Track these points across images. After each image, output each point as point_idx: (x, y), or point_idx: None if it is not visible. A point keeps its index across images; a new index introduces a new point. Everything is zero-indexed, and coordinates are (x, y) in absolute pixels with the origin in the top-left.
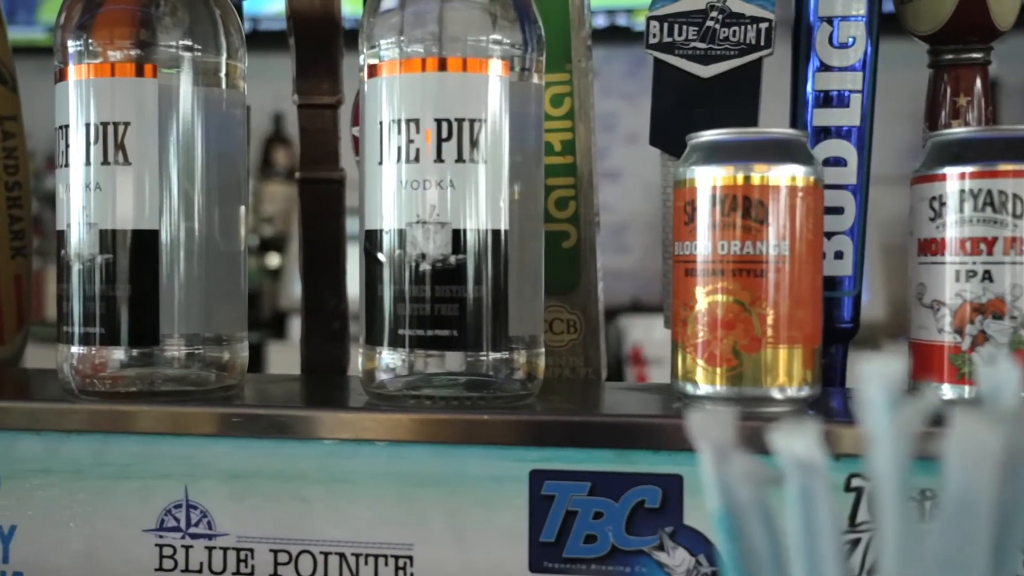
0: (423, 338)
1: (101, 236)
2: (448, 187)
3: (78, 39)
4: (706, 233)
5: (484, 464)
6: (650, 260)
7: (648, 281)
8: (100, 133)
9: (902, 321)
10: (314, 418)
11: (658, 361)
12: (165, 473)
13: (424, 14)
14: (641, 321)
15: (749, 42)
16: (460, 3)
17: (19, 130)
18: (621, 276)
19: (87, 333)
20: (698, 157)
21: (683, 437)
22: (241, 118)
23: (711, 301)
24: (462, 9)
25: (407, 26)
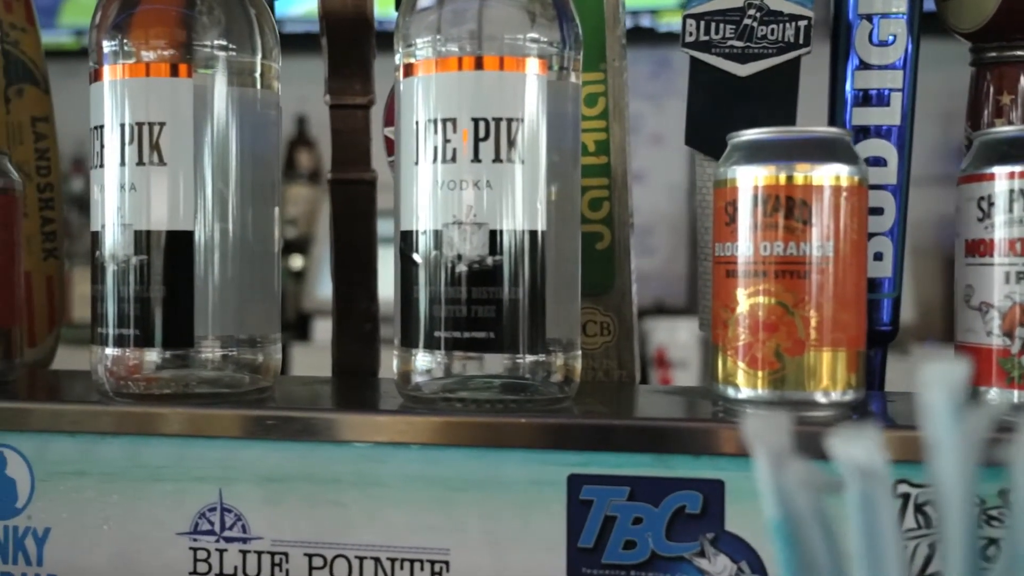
0: (459, 340)
1: (136, 237)
2: (485, 187)
3: (113, 39)
4: (748, 234)
5: (521, 468)
6: (674, 262)
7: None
8: (135, 134)
9: (931, 324)
10: (349, 421)
11: (683, 364)
12: (199, 476)
13: (462, 12)
14: (665, 323)
15: (788, 40)
16: (499, 1)
17: (51, 132)
18: (645, 278)
19: (121, 335)
20: (739, 157)
21: (725, 442)
22: (275, 118)
23: (753, 303)
24: (501, 7)
25: (444, 24)
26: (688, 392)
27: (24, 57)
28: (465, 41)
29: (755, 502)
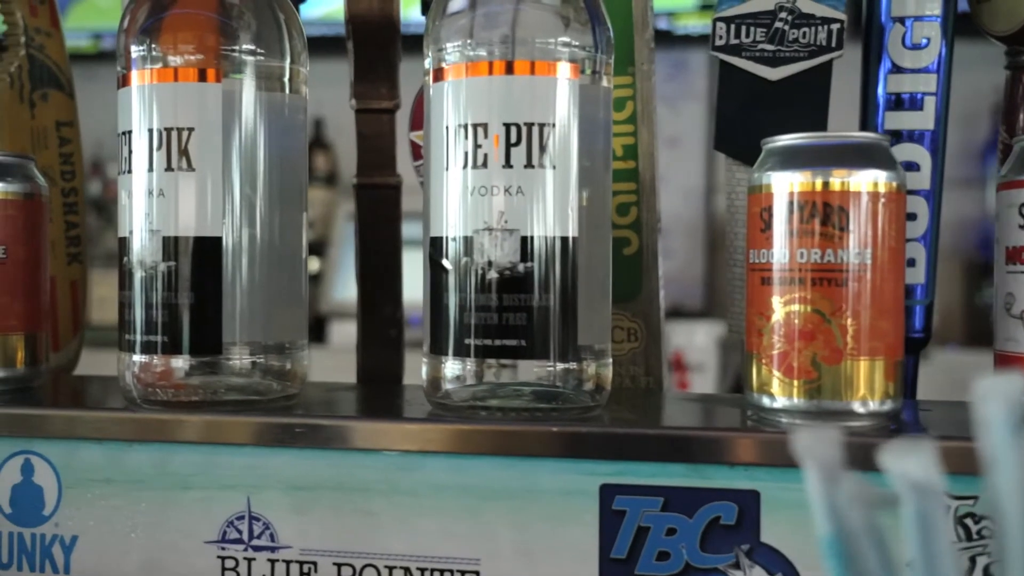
0: (490, 347)
1: (164, 243)
2: (516, 193)
3: (141, 44)
4: (783, 241)
5: (553, 477)
6: (691, 265)
7: (689, 286)
8: (163, 139)
9: (950, 328)
10: (378, 429)
11: (700, 367)
12: (227, 484)
13: (495, 16)
14: (683, 327)
15: (820, 43)
16: (532, 5)
17: (75, 136)
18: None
19: (149, 341)
20: (774, 162)
21: (760, 451)
22: (303, 123)
23: (789, 311)
24: (534, 11)
25: (477, 28)
26: (720, 400)
27: (49, 61)
28: (497, 45)
29: (791, 513)
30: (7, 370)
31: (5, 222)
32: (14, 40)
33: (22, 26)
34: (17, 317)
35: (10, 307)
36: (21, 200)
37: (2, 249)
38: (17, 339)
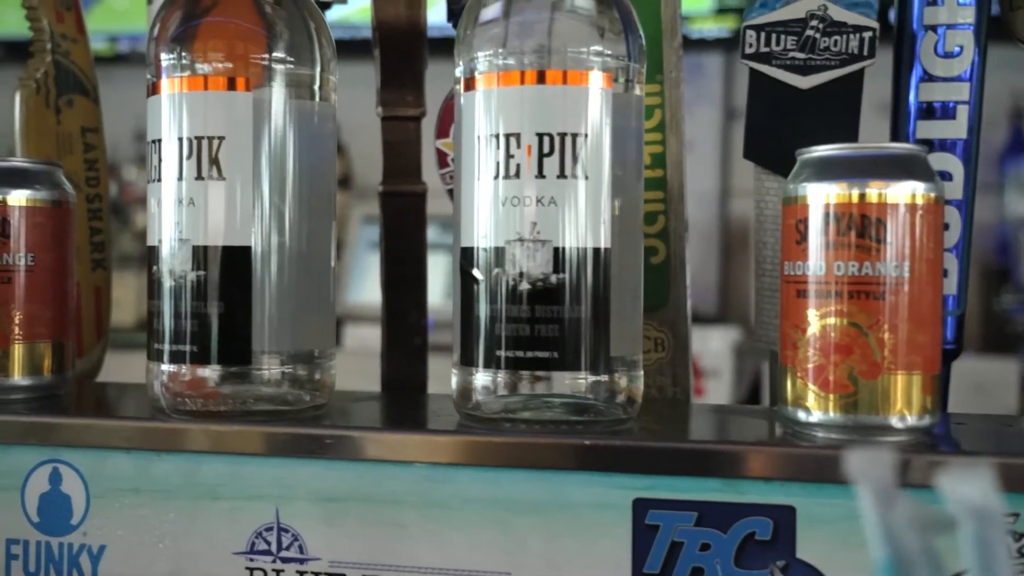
0: (522, 359)
1: (194, 252)
2: (549, 204)
3: (172, 52)
4: (820, 253)
5: (585, 491)
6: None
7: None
8: (194, 147)
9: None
10: (409, 440)
11: (715, 372)
12: (256, 494)
13: (529, 26)
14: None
15: (851, 52)
16: (567, 15)
17: (100, 142)
18: None
19: (178, 351)
20: (809, 173)
21: (796, 466)
22: (332, 131)
23: (825, 324)
24: (569, 21)
25: (511, 37)
26: (751, 412)
27: (75, 67)
28: (531, 55)
29: (828, 529)
30: (34, 378)
31: (33, 230)
32: (40, 46)
33: (48, 32)
34: (45, 325)
35: (38, 315)
36: (49, 207)
37: (30, 257)
38: (44, 347)
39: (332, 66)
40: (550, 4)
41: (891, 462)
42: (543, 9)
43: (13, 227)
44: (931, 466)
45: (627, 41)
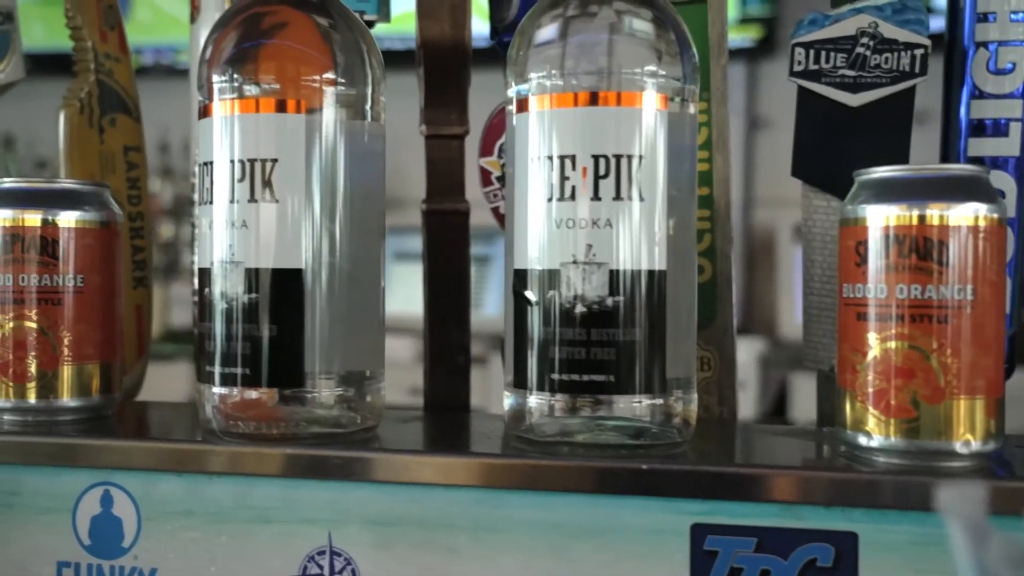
0: (577, 383)
1: (247, 275)
2: (604, 226)
3: (224, 75)
4: (881, 276)
5: (642, 516)
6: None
7: None
8: (247, 170)
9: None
10: (462, 464)
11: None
12: (308, 518)
13: (586, 47)
14: None
15: (903, 69)
16: (625, 37)
17: (142, 161)
18: None
19: (230, 374)
20: (868, 195)
21: (859, 492)
22: (382, 150)
23: (887, 348)
24: (626, 43)
25: (567, 59)
26: (803, 434)
27: (117, 87)
28: (588, 76)
29: (891, 556)
30: (83, 399)
31: (83, 251)
32: (84, 65)
33: (92, 52)
34: (93, 346)
35: (87, 336)
36: (97, 228)
37: (80, 278)
38: (93, 368)
39: (382, 86)
40: (608, 26)
41: (983, 497)
42: (601, 31)
43: (62, 249)
44: (1014, 494)
45: (683, 62)
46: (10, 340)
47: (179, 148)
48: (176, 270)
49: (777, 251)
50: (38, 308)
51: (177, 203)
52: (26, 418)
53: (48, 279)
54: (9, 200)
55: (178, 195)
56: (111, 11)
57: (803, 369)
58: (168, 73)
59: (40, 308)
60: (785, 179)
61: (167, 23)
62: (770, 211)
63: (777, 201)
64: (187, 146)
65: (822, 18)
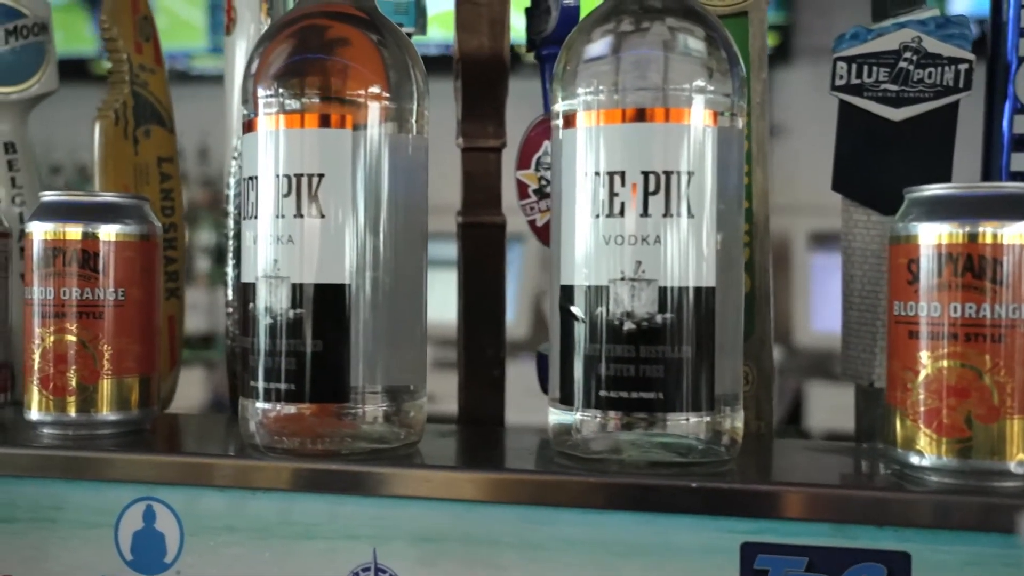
0: (626, 400)
1: (292, 290)
2: (654, 243)
3: (271, 89)
4: (933, 294)
5: (691, 534)
6: None
7: None
8: (293, 185)
9: None
10: (508, 480)
11: None
12: (352, 534)
13: (639, 64)
14: None
15: (946, 84)
16: (676, 54)
17: (175, 172)
18: None
19: (275, 389)
20: (920, 213)
21: (911, 512)
22: (425, 163)
23: (940, 367)
24: (678, 60)
25: (618, 75)
26: (844, 450)
27: (152, 98)
28: (639, 93)
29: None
30: (123, 413)
31: (124, 264)
32: (119, 77)
33: (127, 63)
34: (134, 359)
35: (127, 349)
36: (137, 241)
37: (121, 291)
38: (132, 381)
39: (426, 100)
40: (661, 43)
41: None
42: (653, 47)
43: (103, 262)
44: None
45: (732, 77)
46: (51, 353)
47: (193, 153)
48: (190, 276)
49: (792, 258)
50: (79, 321)
51: (191, 209)
52: (66, 431)
53: (89, 292)
54: (50, 213)
55: (191, 200)
56: (146, 23)
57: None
58: (182, 78)
59: (81, 321)
60: (800, 186)
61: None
62: (785, 218)
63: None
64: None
65: (864, 32)
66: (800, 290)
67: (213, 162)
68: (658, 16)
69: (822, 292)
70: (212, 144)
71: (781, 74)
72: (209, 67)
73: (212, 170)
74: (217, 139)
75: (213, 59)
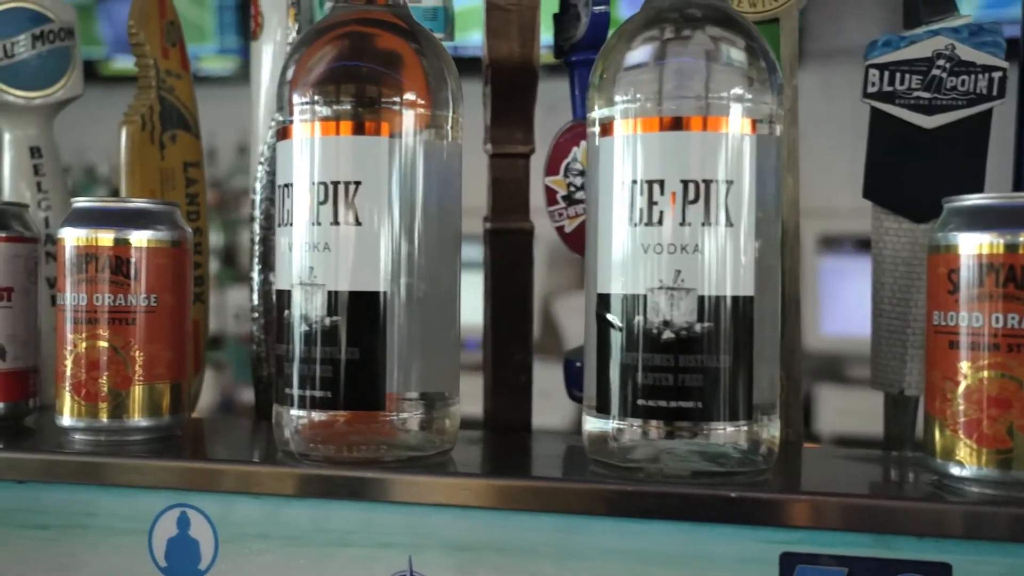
0: (665, 409)
1: (328, 297)
2: (693, 251)
3: (307, 96)
4: (975, 304)
5: (730, 544)
6: None
7: None
8: (329, 192)
9: None
10: (545, 489)
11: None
12: (387, 542)
13: (678, 73)
14: None
15: (980, 92)
16: (718, 64)
17: (201, 176)
18: None
19: (311, 396)
20: (960, 223)
21: (952, 523)
22: (459, 169)
23: (982, 377)
24: (719, 70)
25: (658, 84)
26: (874, 458)
27: (178, 103)
28: (680, 101)
29: None
30: (155, 419)
31: (156, 271)
32: (146, 82)
33: (154, 68)
34: (165, 365)
35: (159, 356)
36: (169, 248)
37: (153, 298)
38: (163, 387)
39: (461, 106)
40: (704, 52)
41: None
42: (696, 56)
43: (135, 268)
44: None
45: (771, 87)
46: (83, 359)
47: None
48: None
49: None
50: (111, 328)
51: None
52: (98, 437)
53: (122, 299)
54: (83, 220)
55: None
56: (173, 28)
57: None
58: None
59: (113, 328)
60: (809, 189)
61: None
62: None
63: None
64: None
65: (897, 40)
66: (809, 293)
67: (221, 163)
68: (699, 25)
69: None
70: (219, 145)
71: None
72: (216, 69)
73: (219, 171)
74: (224, 140)
75: (221, 60)
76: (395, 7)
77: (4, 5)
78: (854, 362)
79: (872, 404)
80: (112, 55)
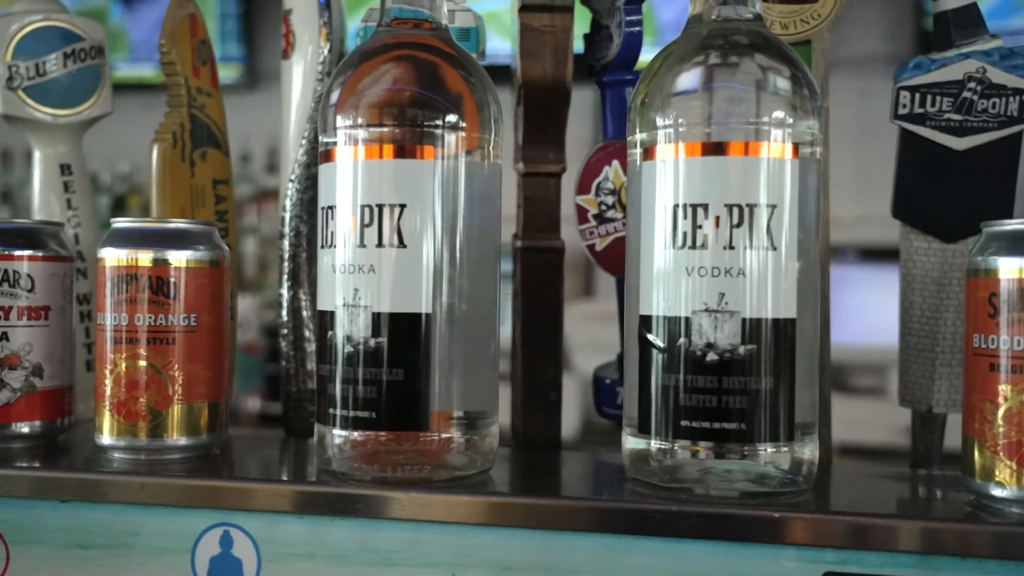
0: (708, 430)
1: (373, 319)
2: (738, 275)
3: (353, 119)
4: (1015, 328)
5: (773, 565)
6: None
7: None
8: (374, 215)
9: None
10: (590, 509)
11: None
12: (432, 561)
13: (726, 99)
14: None
15: (1011, 114)
16: (765, 92)
17: (230, 194)
18: None
19: (355, 417)
20: (999, 247)
21: (995, 544)
22: (499, 189)
23: (1022, 399)
24: (764, 96)
25: (703, 108)
26: (903, 477)
27: (208, 121)
28: (725, 127)
29: None
30: (193, 438)
31: (196, 290)
32: (177, 100)
33: (185, 86)
34: (205, 384)
35: (198, 375)
36: (207, 267)
37: (192, 317)
38: (202, 406)
39: (501, 127)
40: (751, 80)
41: None
42: (744, 83)
43: (175, 288)
44: None
45: (812, 111)
46: (123, 379)
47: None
48: None
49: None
50: (151, 347)
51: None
52: (138, 456)
53: (162, 318)
54: (122, 240)
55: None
56: (204, 46)
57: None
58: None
59: (153, 347)
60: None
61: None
62: None
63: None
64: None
65: (928, 62)
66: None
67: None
68: (746, 52)
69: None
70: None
71: None
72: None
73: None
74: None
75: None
76: (438, 31)
77: (35, 24)
78: (858, 372)
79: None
80: (114, 65)
